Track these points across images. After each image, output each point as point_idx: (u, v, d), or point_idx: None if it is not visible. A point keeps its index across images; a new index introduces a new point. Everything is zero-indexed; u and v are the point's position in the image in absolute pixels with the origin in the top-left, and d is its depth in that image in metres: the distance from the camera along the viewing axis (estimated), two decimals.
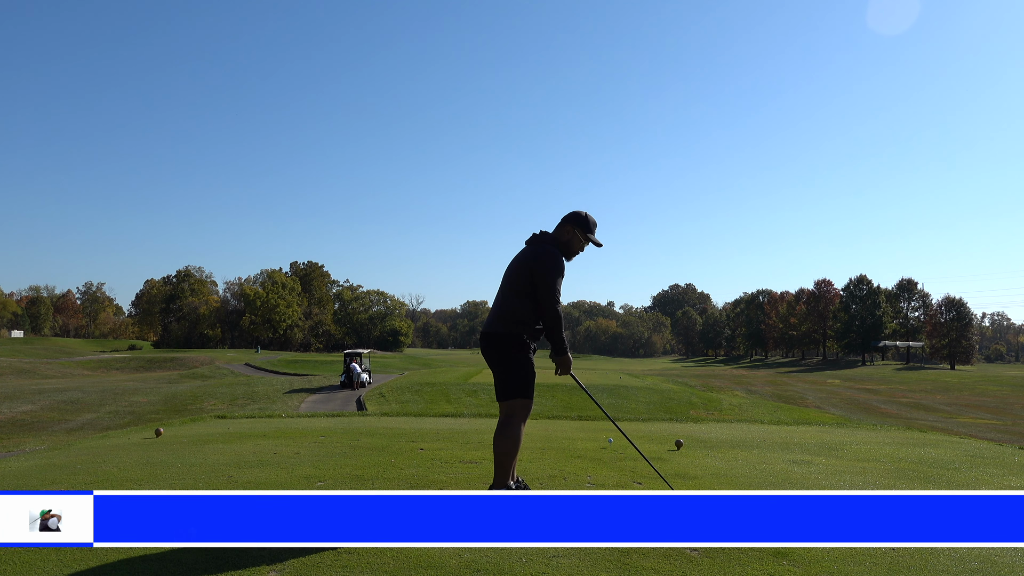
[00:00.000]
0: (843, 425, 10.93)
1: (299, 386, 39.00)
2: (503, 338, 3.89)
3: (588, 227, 4.08)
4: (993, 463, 6.10)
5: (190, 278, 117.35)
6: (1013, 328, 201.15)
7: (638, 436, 7.40)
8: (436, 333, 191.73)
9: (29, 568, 2.82)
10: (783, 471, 5.28)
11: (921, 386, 57.70)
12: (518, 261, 4.01)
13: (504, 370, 3.88)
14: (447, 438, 7.02)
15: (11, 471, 5.33)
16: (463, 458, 5.58)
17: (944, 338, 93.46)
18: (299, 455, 5.73)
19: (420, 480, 4.64)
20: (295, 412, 17.11)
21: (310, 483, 4.50)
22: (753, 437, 7.70)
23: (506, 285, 3.99)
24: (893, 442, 7.63)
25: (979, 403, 42.66)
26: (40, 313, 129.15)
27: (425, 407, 25.84)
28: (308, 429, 8.01)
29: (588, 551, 3.09)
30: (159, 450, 6.28)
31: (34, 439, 20.45)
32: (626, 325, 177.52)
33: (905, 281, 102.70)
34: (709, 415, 24.96)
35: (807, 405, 39.52)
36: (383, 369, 56.48)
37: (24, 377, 51.48)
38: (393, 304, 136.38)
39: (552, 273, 3.83)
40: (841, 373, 78.33)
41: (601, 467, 5.28)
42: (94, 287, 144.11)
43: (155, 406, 30.91)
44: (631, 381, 41.88)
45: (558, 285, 3.86)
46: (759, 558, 3.05)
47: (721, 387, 51.19)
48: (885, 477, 5.17)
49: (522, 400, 3.87)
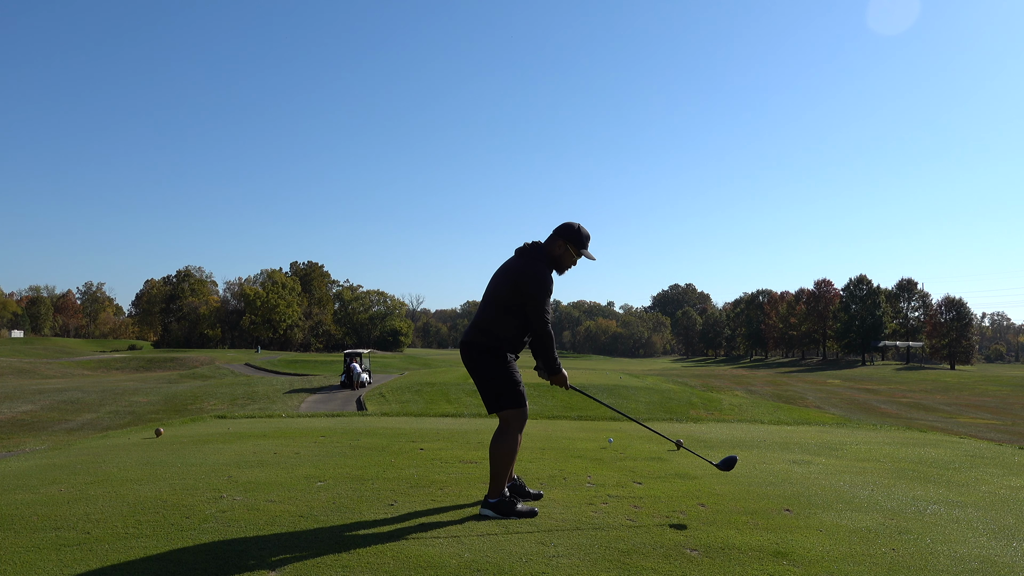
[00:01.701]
0: (843, 425, 10.92)
1: (299, 386, 38.99)
2: (479, 347, 3.81)
3: (580, 241, 3.90)
4: (993, 463, 6.10)
5: (190, 278, 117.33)
6: (1013, 328, 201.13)
7: (638, 436, 7.40)
8: (436, 333, 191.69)
9: (29, 568, 2.81)
10: (783, 471, 5.28)
11: (921, 386, 57.68)
12: (503, 271, 3.90)
13: (484, 382, 3.80)
14: (447, 438, 7.02)
15: (11, 471, 5.33)
16: (463, 458, 5.58)
17: (944, 338, 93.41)
18: (299, 455, 5.73)
19: (420, 480, 4.64)
20: (295, 412, 17.09)
21: (310, 483, 4.50)
22: (753, 437, 7.70)
23: (489, 295, 3.90)
24: (893, 442, 7.63)
25: (979, 403, 42.64)
26: (40, 313, 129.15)
27: (425, 407, 25.83)
28: (308, 429, 8.01)
29: (588, 551, 3.09)
30: (159, 450, 6.28)
31: (34, 439, 20.45)
32: (626, 325, 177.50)
33: (905, 281, 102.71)
34: (709, 415, 24.95)
35: (807, 405, 39.51)
36: (383, 369, 56.48)
37: (24, 377, 51.46)
38: (393, 304, 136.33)
39: (540, 295, 3.73)
40: (841, 373, 78.29)
41: (601, 467, 5.28)
42: (94, 287, 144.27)
43: (155, 406, 30.90)
44: (631, 381, 41.85)
45: (547, 305, 3.77)
46: (759, 558, 3.05)
47: (721, 387, 51.16)
48: (885, 477, 5.17)
49: (514, 410, 3.78)
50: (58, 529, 3.38)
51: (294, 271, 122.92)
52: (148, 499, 4.01)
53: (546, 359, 3.90)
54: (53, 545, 3.10)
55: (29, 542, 3.15)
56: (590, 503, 4.03)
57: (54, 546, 3.09)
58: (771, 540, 3.32)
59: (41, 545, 3.11)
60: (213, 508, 3.78)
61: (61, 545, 3.10)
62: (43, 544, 3.12)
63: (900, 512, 4.00)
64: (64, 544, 3.12)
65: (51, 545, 3.11)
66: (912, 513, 3.99)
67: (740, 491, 4.44)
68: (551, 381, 3.95)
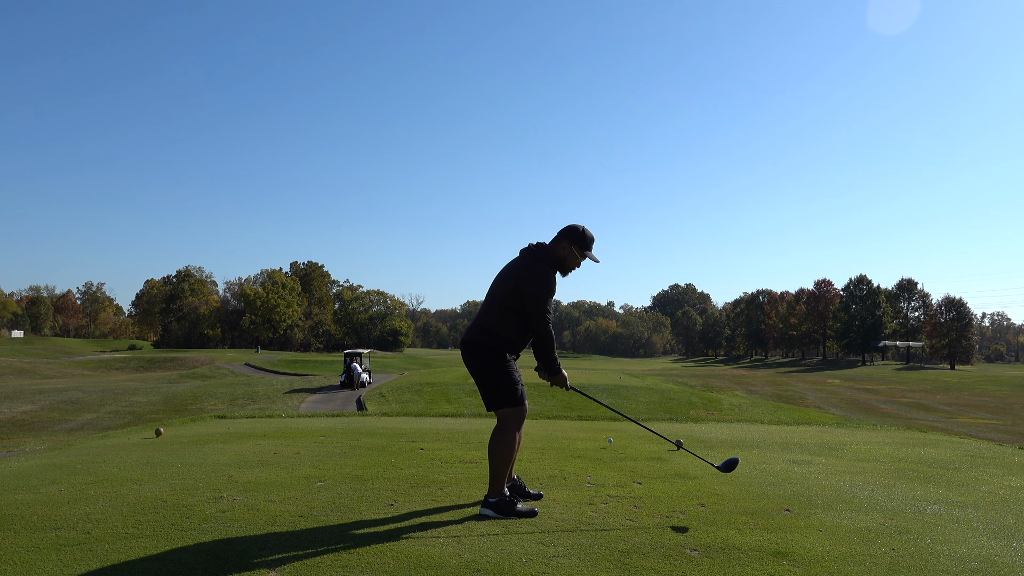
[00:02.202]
0: (843, 425, 10.92)
1: (299, 386, 38.99)
2: (480, 346, 3.82)
3: (585, 243, 3.92)
4: (993, 463, 6.10)
5: (190, 278, 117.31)
6: (1013, 328, 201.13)
7: (638, 436, 7.40)
8: (436, 333, 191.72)
9: (29, 568, 2.81)
10: (783, 471, 5.28)
11: (921, 386, 57.67)
12: (506, 271, 3.91)
13: (484, 380, 3.81)
14: (447, 438, 7.02)
15: (11, 471, 5.33)
16: (463, 458, 5.58)
17: (944, 338, 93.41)
18: (299, 455, 5.73)
19: (420, 480, 4.64)
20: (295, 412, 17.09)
21: (310, 483, 4.50)
22: (753, 437, 7.70)
23: (491, 294, 3.91)
24: (893, 442, 7.63)
25: (979, 403, 42.65)
26: (40, 313, 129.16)
27: (425, 407, 25.83)
28: (308, 429, 8.01)
29: (588, 551, 3.09)
30: (159, 450, 6.28)
31: (34, 439, 20.45)
32: (626, 325, 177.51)
33: (905, 281, 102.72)
34: (709, 415, 24.95)
35: (807, 405, 39.51)
36: (383, 369, 56.48)
37: (24, 377, 51.46)
38: (393, 304, 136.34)
39: (542, 296, 3.74)
40: (841, 373, 78.28)
41: (601, 467, 5.28)
42: (94, 287, 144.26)
43: (155, 406, 30.90)
44: (631, 381, 41.85)
45: (548, 305, 3.78)
46: (759, 558, 3.05)
47: (721, 387, 51.16)
48: (885, 477, 5.17)
49: (512, 409, 3.79)
50: (58, 529, 3.38)
51: (294, 271, 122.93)
52: (148, 499, 4.01)
53: (546, 359, 3.90)
54: (53, 545, 3.11)
55: (29, 542, 3.15)
56: (590, 503, 4.03)
57: (54, 546, 3.09)
58: (771, 540, 3.32)
59: (41, 545, 3.11)
60: (213, 508, 3.78)
61: (61, 545, 3.10)
62: (43, 544, 3.12)
63: (900, 512, 4.00)
64: (64, 544, 3.12)
65: (51, 545, 3.11)
66: (912, 513, 3.99)
67: (740, 491, 4.44)
68: (551, 382, 3.96)
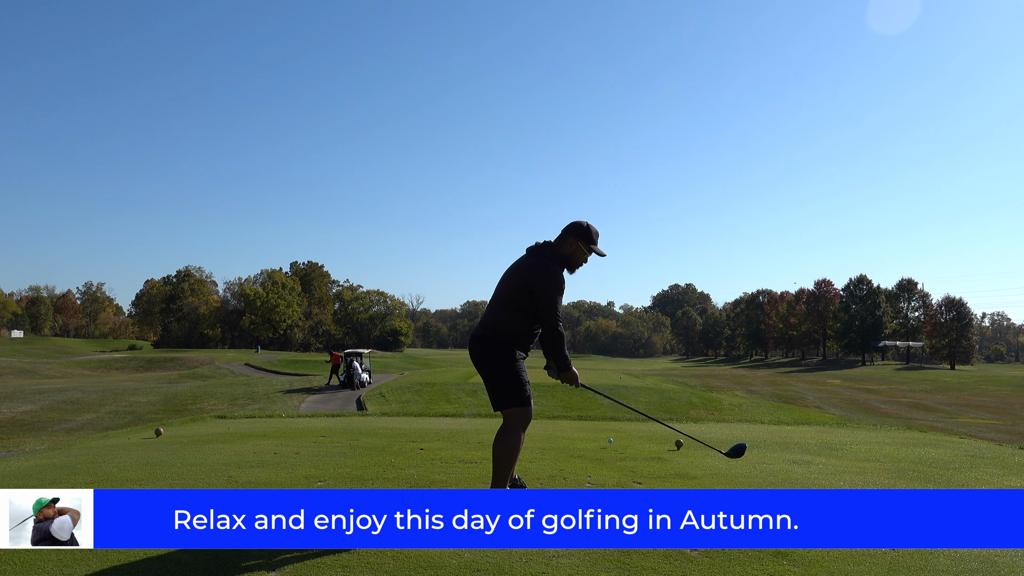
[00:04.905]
0: (843, 425, 10.93)
1: (299, 386, 38.99)
2: (489, 343, 3.83)
3: (591, 238, 3.93)
4: (993, 463, 6.10)
5: (190, 278, 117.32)
6: (1013, 328, 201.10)
7: (638, 436, 7.40)
8: (436, 333, 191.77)
9: (29, 568, 2.82)
10: (783, 471, 5.28)
11: (921, 386, 57.68)
12: (514, 270, 3.92)
13: (492, 378, 3.81)
14: (447, 438, 7.02)
15: (11, 471, 5.33)
16: (463, 458, 5.58)
17: (944, 338, 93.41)
18: (299, 455, 5.73)
19: (420, 480, 4.64)
20: (295, 412, 17.10)
21: (310, 483, 4.50)
22: (753, 437, 7.70)
23: (499, 293, 3.92)
24: (893, 442, 7.63)
25: (979, 403, 42.65)
26: (40, 313, 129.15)
27: (425, 407, 25.82)
28: (308, 429, 8.01)
29: (588, 551, 3.09)
30: (159, 450, 6.28)
31: (34, 439, 20.45)
32: (626, 325, 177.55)
33: (905, 281, 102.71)
34: (709, 415, 24.95)
35: (807, 405, 39.52)
36: (383, 369, 56.41)
37: (24, 377, 51.48)
38: (393, 304, 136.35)
39: (552, 293, 3.75)
40: (841, 373, 78.30)
41: (601, 467, 5.28)
42: (94, 287, 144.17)
43: (155, 406, 30.90)
44: (631, 381, 41.86)
45: (558, 303, 3.79)
46: (759, 558, 3.05)
47: (721, 387, 51.17)
48: (885, 477, 5.17)
49: (518, 409, 3.79)
50: None
51: (294, 271, 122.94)
52: None
53: (557, 356, 3.90)
54: None
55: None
56: None
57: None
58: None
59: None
60: None
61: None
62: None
63: None
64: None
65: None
66: None
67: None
68: (561, 379, 3.95)
